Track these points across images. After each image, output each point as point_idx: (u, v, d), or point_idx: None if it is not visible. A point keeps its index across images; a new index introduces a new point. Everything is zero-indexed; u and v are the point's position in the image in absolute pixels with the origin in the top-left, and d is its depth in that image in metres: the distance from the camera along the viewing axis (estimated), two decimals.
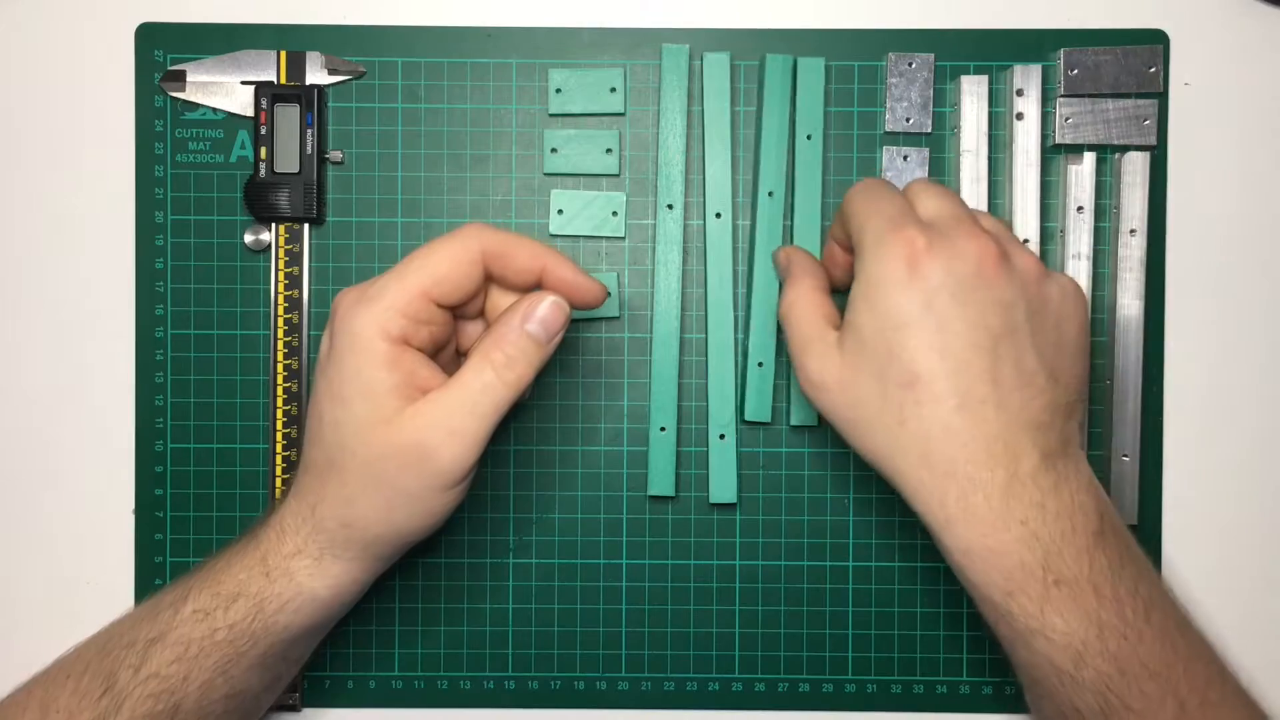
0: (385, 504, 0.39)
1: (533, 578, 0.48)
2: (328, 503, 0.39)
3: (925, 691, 0.48)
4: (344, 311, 0.39)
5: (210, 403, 0.48)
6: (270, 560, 0.40)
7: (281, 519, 0.40)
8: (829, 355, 0.40)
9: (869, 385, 0.38)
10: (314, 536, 0.39)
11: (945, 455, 0.37)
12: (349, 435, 0.38)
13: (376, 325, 0.38)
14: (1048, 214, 0.47)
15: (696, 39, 0.48)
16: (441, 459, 0.38)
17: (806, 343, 0.41)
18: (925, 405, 0.37)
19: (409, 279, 0.38)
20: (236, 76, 0.48)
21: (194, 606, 0.39)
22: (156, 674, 0.38)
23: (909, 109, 0.48)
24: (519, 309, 0.39)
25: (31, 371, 0.48)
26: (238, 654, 0.39)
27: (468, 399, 0.38)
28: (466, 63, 0.48)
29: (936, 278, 0.37)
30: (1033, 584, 0.36)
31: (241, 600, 0.39)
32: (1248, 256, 0.48)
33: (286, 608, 0.39)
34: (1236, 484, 0.48)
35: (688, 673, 0.48)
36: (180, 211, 0.48)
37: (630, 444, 0.48)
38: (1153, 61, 0.47)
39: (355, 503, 0.39)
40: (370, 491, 0.38)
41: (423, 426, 0.38)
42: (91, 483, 0.48)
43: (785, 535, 0.48)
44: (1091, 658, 0.36)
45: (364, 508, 0.39)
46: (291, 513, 0.40)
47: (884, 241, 0.38)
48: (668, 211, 0.47)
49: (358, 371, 0.38)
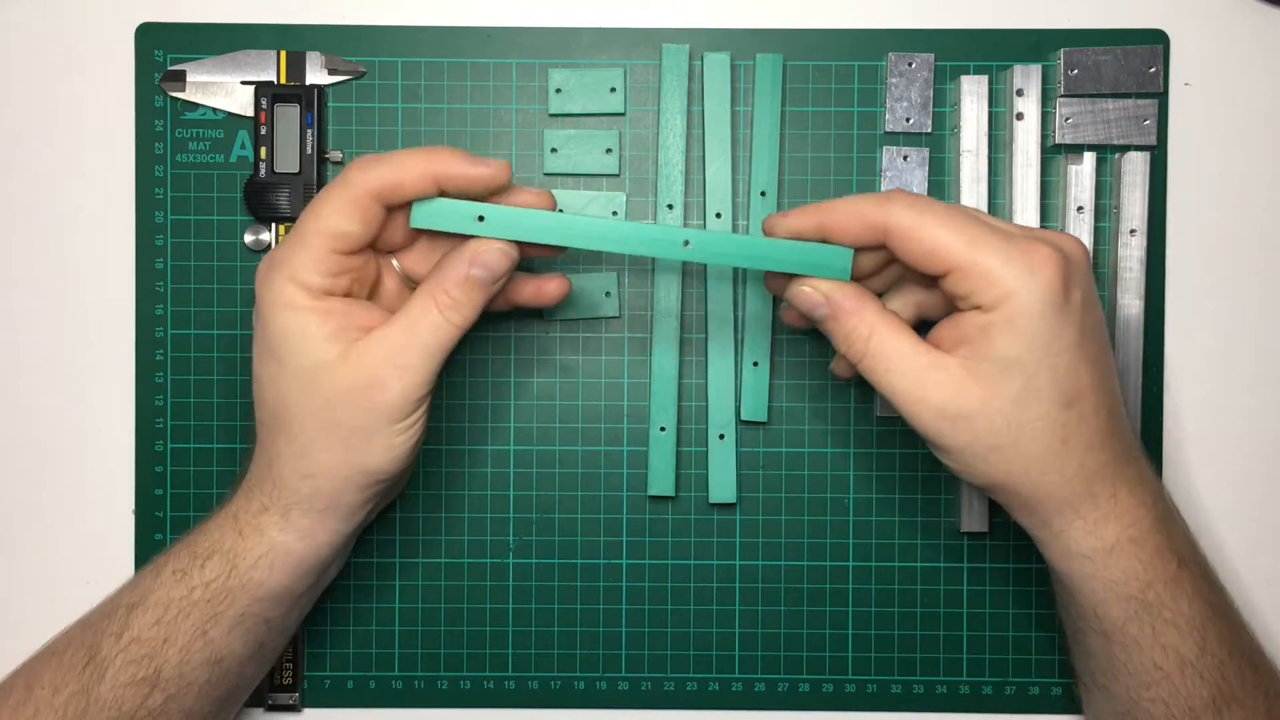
0: (342, 446, 0.39)
1: (533, 578, 0.48)
2: (282, 458, 0.39)
3: (925, 691, 0.48)
4: (260, 282, 0.39)
5: (210, 403, 0.48)
6: (241, 518, 0.40)
7: (248, 480, 0.41)
8: (962, 384, 0.37)
9: (1024, 410, 0.37)
10: (276, 493, 0.40)
11: (1101, 460, 0.38)
12: (291, 389, 0.39)
13: (293, 285, 0.38)
14: (1048, 214, 0.47)
15: (696, 39, 0.48)
16: (392, 392, 0.38)
17: (920, 373, 0.38)
18: (1088, 419, 0.37)
19: (309, 242, 0.38)
20: (236, 76, 0.48)
21: (173, 567, 0.40)
22: (137, 638, 0.39)
23: (909, 109, 0.48)
24: (464, 253, 0.39)
25: (31, 371, 0.48)
26: (215, 614, 0.40)
27: (415, 337, 0.39)
28: (466, 63, 0.48)
29: (1080, 292, 0.37)
30: (1167, 568, 0.38)
31: (216, 557, 0.40)
32: (1248, 256, 0.48)
33: (260, 563, 0.40)
34: (1236, 484, 0.48)
35: (688, 673, 0.48)
36: (180, 211, 0.48)
37: (630, 444, 0.48)
38: (1153, 61, 0.47)
39: (310, 452, 0.39)
40: (323, 438, 0.39)
41: (370, 363, 0.38)
42: (91, 483, 0.48)
43: (785, 535, 0.48)
44: (1211, 643, 0.38)
45: (320, 455, 0.39)
46: (254, 473, 0.41)
47: (1031, 270, 0.36)
48: (668, 211, 0.47)
49: (288, 329, 0.38)
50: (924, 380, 0.38)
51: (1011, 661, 0.48)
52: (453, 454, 0.48)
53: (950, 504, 0.48)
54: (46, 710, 0.38)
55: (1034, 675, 0.48)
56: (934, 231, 0.37)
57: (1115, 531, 0.38)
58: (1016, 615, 0.48)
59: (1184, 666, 0.38)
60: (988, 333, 0.37)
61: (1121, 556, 0.38)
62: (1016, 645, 0.48)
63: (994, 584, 0.48)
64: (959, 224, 0.37)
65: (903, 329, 0.39)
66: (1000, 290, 0.36)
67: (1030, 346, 0.36)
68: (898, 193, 0.38)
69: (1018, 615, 0.48)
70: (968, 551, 0.48)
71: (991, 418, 0.37)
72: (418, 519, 0.48)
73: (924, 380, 0.38)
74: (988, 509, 0.47)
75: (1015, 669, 0.48)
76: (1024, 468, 0.38)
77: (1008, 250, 0.36)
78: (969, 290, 0.37)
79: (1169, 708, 0.38)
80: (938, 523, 0.48)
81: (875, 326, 0.39)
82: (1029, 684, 0.48)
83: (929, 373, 0.38)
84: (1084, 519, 0.38)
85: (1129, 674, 0.39)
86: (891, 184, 0.47)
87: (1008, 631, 0.48)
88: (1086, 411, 0.37)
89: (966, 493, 0.47)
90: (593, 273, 0.48)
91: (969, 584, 0.48)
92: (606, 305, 0.48)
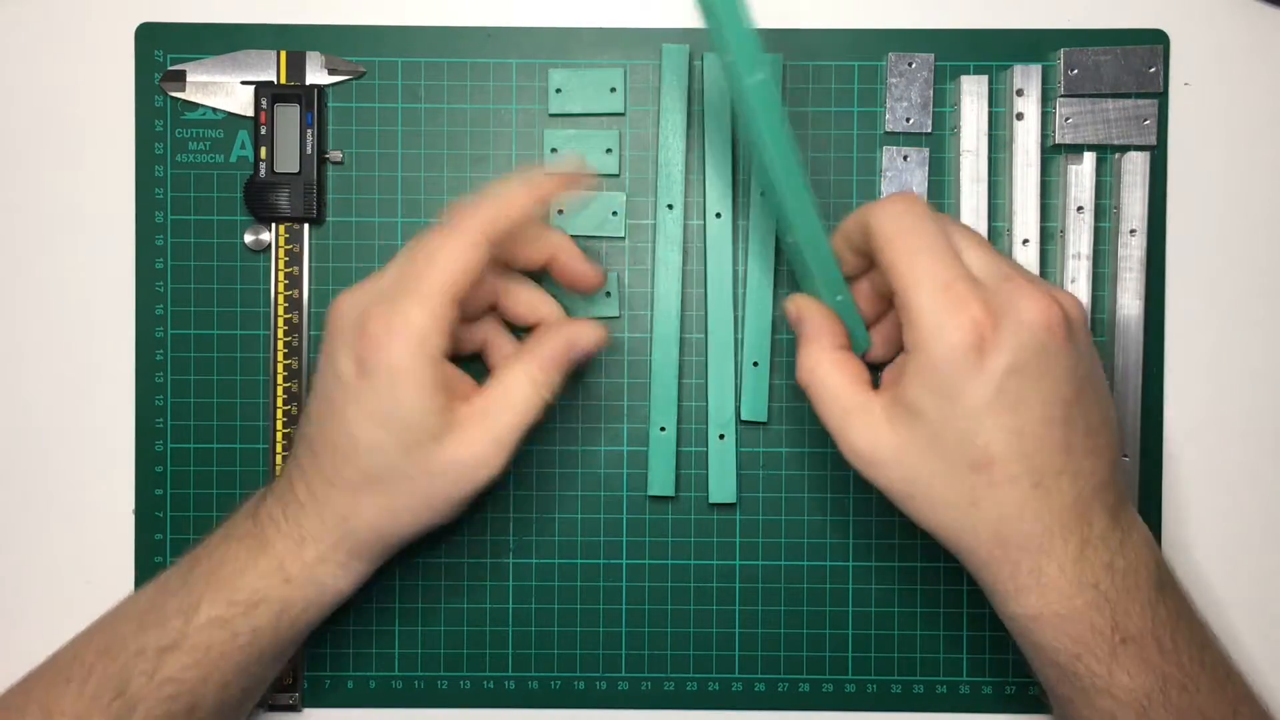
0: (427, 510, 0.39)
1: (533, 578, 0.48)
2: (365, 516, 0.39)
3: (925, 691, 0.48)
4: (375, 340, 0.38)
5: (210, 403, 0.48)
6: (290, 568, 0.40)
7: (300, 527, 0.40)
8: (879, 429, 0.37)
9: (932, 464, 0.36)
10: (343, 544, 0.40)
11: (1020, 531, 0.36)
12: (398, 458, 0.38)
13: (420, 354, 0.37)
14: (1048, 214, 0.47)
15: (696, 39, 0.48)
16: (491, 469, 0.39)
17: (846, 413, 0.38)
18: (1000, 487, 0.36)
19: (433, 301, 0.37)
20: (236, 76, 0.48)
21: (210, 614, 0.39)
22: (172, 678, 0.39)
23: (909, 109, 0.48)
24: (564, 333, 0.41)
25: (31, 371, 0.48)
26: (259, 653, 0.40)
27: (515, 416, 0.39)
28: (466, 63, 0.48)
29: (1005, 359, 0.35)
30: (1101, 644, 0.36)
31: (264, 606, 0.39)
32: (1248, 256, 0.48)
33: (310, 608, 0.40)
34: (1236, 483, 0.48)
35: (688, 673, 0.48)
36: (180, 211, 0.48)
37: (630, 444, 0.48)
38: (1153, 61, 0.47)
39: (399, 514, 0.39)
40: (416, 504, 0.39)
41: (476, 440, 0.38)
42: (91, 483, 0.48)
43: (785, 535, 0.48)
44: (1155, 711, 0.36)
45: (409, 517, 0.40)
46: (315, 522, 0.40)
47: (944, 323, 0.35)
48: (668, 211, 0.47)
49: (403, 401, 0.38)
50: (848, 422, 0.38)
51: (1011, 661, 0.48)
52: None
53: None
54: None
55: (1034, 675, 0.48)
56: (894, 251, 0.37)
57: (1038, 604, 0.36)
58: None
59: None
60: (905, 376, 0.37)
61: (1047, 627, 0.37)
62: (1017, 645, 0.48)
63: None
64: (924, 251, 0.36)
65: (844, 367, 0.39)
66: (919, 335, 0.36)
67: (935, 400, 0.36)
68: (898, 196, 0.38)
69: None
70: None
71: (903, 466, 0.37)
72: None
73: (848, 422, 0.38)
74: None
75: (1015, 669, 0.48)
76: (938, 522, 0.37)
77: (941, 296, 0.35)
78: (905, 325, 0.37)
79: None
80: None
81: (821, 360, 0.39)
82: (1029, 684, 0.48)
83: (854, 414, 0.38)
84: (1003, 585, 0.37)
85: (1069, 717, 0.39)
86: (891, 184, 0.47)
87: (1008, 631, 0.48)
88: (999, 479, 0.36)
89: None
90: None
91: (969, 584, 0.48)
92: (606, 305, 0.48)
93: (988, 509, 0.36)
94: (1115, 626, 0.36)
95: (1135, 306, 0.47)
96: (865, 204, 0.39)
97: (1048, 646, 0.37)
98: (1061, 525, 0.36)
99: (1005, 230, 0.47)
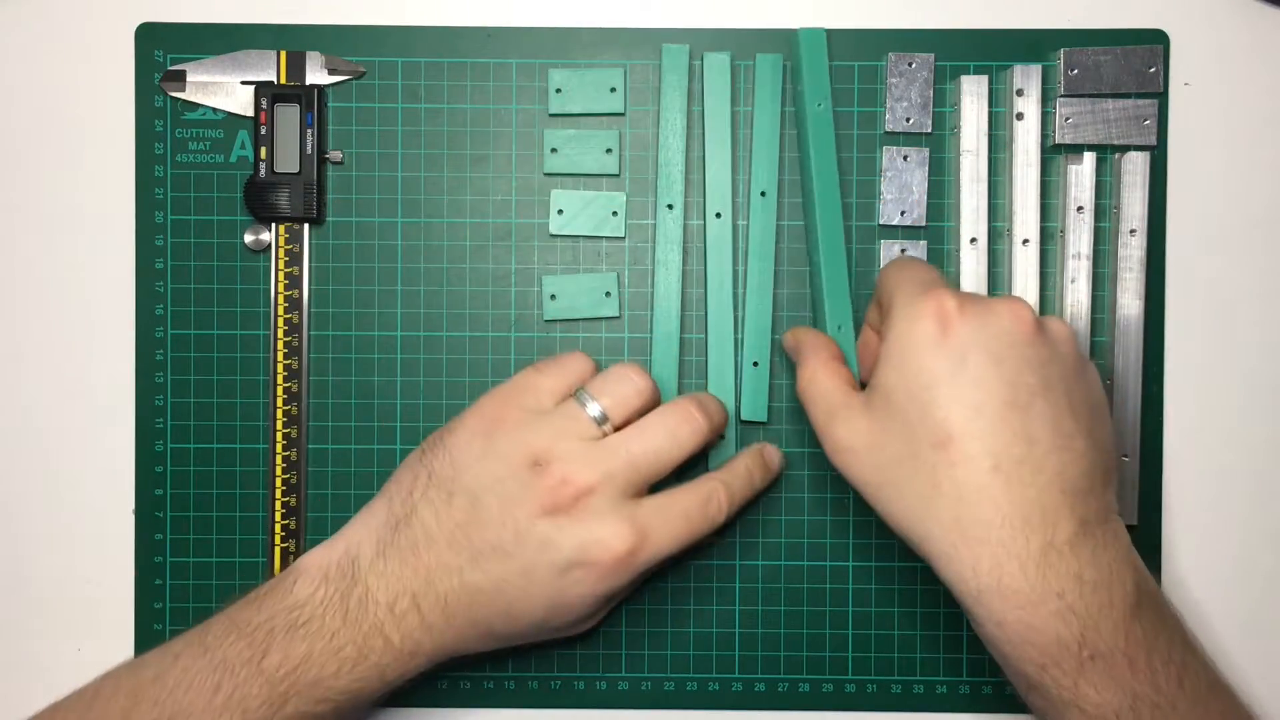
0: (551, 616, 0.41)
1: None
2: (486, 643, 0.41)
3: (925, 691, 0.48)
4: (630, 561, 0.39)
5: (210, 403, 0.48)
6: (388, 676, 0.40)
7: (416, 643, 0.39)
8: (855, 419, 0.39)
9: (899, 447, 0.37)
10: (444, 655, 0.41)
11: (979, 519, 0.36)
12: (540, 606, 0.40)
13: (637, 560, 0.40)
14: (1048, 214, 0.47)
15: (696, 39, 0.48)
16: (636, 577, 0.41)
17: (831, 411, 0.40)
18: (959, 466, 0.36)
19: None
20: (236, 76, 0.48)
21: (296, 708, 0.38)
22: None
23: (909, 109, 0.48)
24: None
25: (31, 371, 0.48)
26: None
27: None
28: (466, 63, 0.48)
29: (968, 334, 0.37)
30: (1068, 658, 0.35)
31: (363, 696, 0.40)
32: (1248, 256, 0.48)
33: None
34: (1236, 484, 0.48)
35: (688, 673, 0.48)
36: (180, 211, 0.48)
37: None
38: (1153, 61, 0.47)
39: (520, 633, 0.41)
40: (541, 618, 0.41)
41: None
42: (91, 483, 0.48)
43: (785, 535, 0.48)
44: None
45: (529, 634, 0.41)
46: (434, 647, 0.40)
47: (914, 302, 0.38)
48: (668, 211, 0.47)
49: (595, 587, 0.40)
50: (833, 416, 0.40)
51: None
52: None
53: None
54: None
55: None
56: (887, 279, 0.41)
57: (1001, 609, 0.36)
58: None
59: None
60: (880, 364, 0.39)
61: (1013, 634, 0.36)
62: None
63: None
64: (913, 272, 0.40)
65: (836, 374, 0.41)
66: (891, 321, 0.39)
67: (899, 375, 0.37)
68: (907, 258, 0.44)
69: None
70: None
71: (875, 453, 0.38)
72: None
73: (833, 416, 0.40)
74: None
75: None
76: (904, 509, 0.38)
77: (917, 289, 0.39)
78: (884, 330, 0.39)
79: None
80: None
81: (817, 371, 0.42)
82: None
83: (838, 410, 0.40)
84: (966, 586, 0.37)
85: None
86: (891, 184, 0.47)
87: None
88: (959, 458, 0.36)
89: None
90: (593, 273, 0.48)
91: None
92: (606, 305, 0.48)
93: (947, 490, 0.36)
94: (1083, 642, 0.35)
95: (1135, 306, 0.47)
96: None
97: (1014, 656, 0.37)
98: (1023, 519, 0.36)
99: (1005, 230, 0.47)
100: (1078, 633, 0.35)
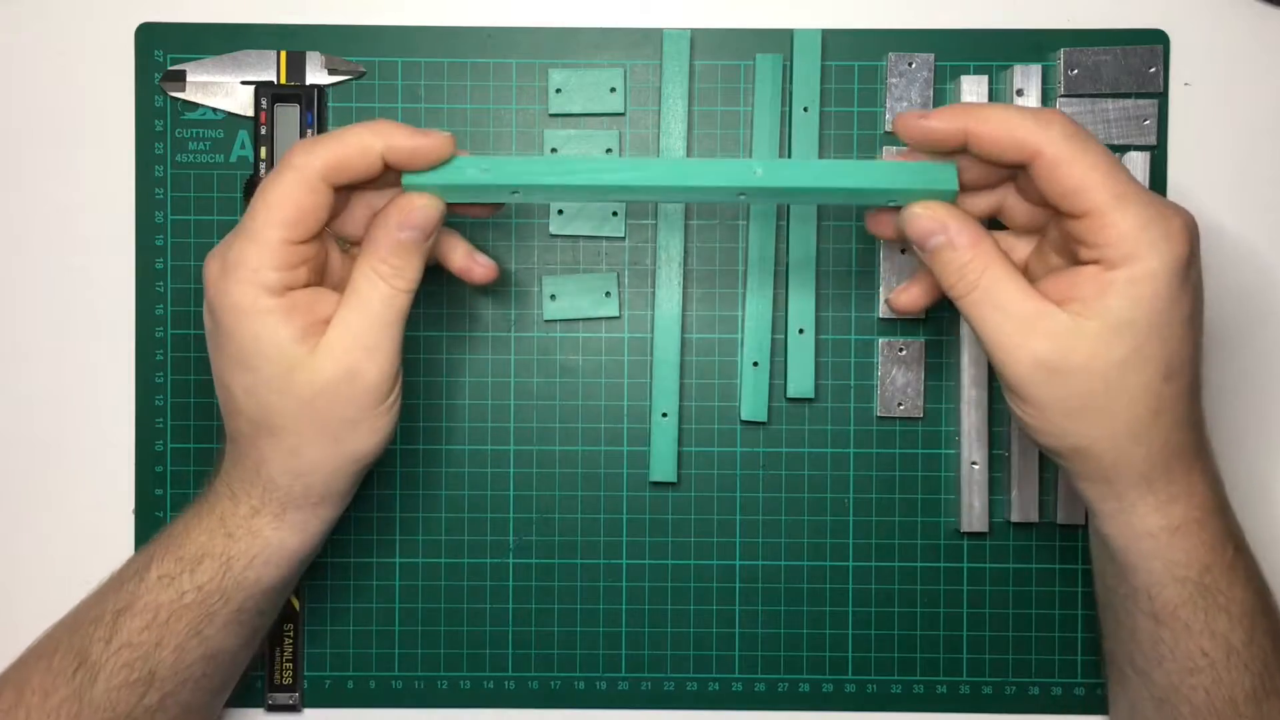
0: (331, 440, 0.39)
1: (533, 578, 0.48)
2: (271, 462, 0.39)
3: (925, 691, 0.48)
4: (214, 287, 0.38)
5: (210, 403, 0.48)
6: (230, 522, 0.40)
7: (228, 483, 0.40)
8: (1069, 339, 0.36)
9: (1126, 375, 0.36)
10: (268, 495, 0.40)
11: (1185, 438, 0.38)
12: (270, 396, 0.38)
13: (255, 288, 0.37)
14: None
15: (696, 39, 0.48)
16: (369, 378, 0.38)
17: (1027, 319, 0.36)
18: (1182, 395, 0.37)
19: (264, 236, 0.37)
20: (236, 76, 0.48)
21: (158, 573, 0.40)
22: (128, 643, 0.39)
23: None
24: (390, 216, 0.39)
25: (31, 371, 0.48)
26: (209, 613, 0.40)
27: (374, 316, 0.38)
28: (466, 63, 0.48)
29: (1197, 268, 0.37)
30: (1225, 553, 0.38)
31: (207, 561, 0.40)
32: (1248, 257, 0.48)
33: (255, 562, 0.40)
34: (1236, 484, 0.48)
35: (688, 673, 0.48)
36: (180, 211, 0.48)
37: (631, 443, 0.48)
38: (1153, 61, 0.47)
39: (300, 451, 0.39)
40: (311, 435, 0.39)
41: (341, 354, 0.38)
42: (91, 483, 0.48)
43: (785, 535, 0.48)
44: (1258, 634, 0.38)
45: (311, 452, 0.39)
46: (236, 476, 0.40)
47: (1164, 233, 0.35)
48: (668, 211, 0.47)
49: (255, 337, 0.38)
50: (1029, 327, 0.36)
51: (1012, 661, 0.48)
52: (453, 454, 0.48)
53: (950, 504, 0.48)
54: (38, 714, 0.38)
55: (1034, 675, 0.48)
56: (1086, 171, 0.36)
57: (1182, 512, 0.38)
58: (1016, 615, 0.48)
59: (1230, 655, 0.38)
60: (1106, 291, 0.36)
61: (1185, 537, 0.38)
62: (1017, 645, 0.48)
63: (994, 584, 0.48)
64: (1111, 171, 0.36)
65: (1015, 272, 0.37)
66: (1130, 251, 0.35)
67: (1147, 313, 0.36)
68: (1056, 115, 0.37)
69: (1018, 615, 0.48)
70: (968, 551, 0.48)
71: (1091, 377, 0.36)
72: (418, 519, 0.48)
73: (1029, 327, 0.36)
74: (988, 509, 0.47)
75: (1015, 669, 0.48)
76: (1111, 433, 0.37)
77: (1148, 213, 0.36)
78: (1099, 242, 0.36)
79: (1210, 696, 0.38)
80: (938, 523, 0.48)
81: (990, 264, 0.37)
82: (1029, 684, 0.48)
83: (1036, 320, 0.36)
84: (1156, 495, 0.38)
85: (1174, 659, 0.39)
86: None
87: (1008, 631, 0.48)
88: (1183, 387, 0.37)
89: (966, 493, 0.47)
90: (593, 273, 0.48)
91: (969, 584, 0.48)
92: (606, 305, 0.48)
93: (1166, 418, 0.37)
94: (1231, 534, 0.38)
95: None
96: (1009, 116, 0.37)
97: (1181, 561, 0.38)
98: (1202, 429, 0.39)
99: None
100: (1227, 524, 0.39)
